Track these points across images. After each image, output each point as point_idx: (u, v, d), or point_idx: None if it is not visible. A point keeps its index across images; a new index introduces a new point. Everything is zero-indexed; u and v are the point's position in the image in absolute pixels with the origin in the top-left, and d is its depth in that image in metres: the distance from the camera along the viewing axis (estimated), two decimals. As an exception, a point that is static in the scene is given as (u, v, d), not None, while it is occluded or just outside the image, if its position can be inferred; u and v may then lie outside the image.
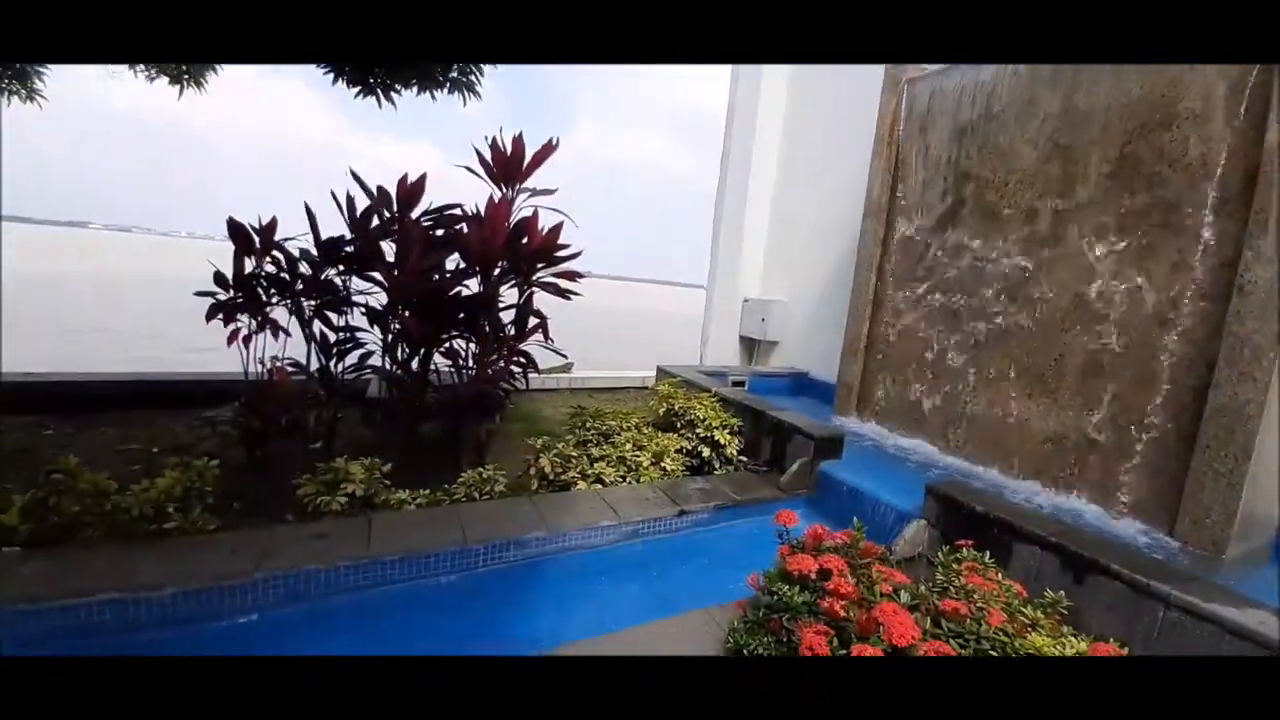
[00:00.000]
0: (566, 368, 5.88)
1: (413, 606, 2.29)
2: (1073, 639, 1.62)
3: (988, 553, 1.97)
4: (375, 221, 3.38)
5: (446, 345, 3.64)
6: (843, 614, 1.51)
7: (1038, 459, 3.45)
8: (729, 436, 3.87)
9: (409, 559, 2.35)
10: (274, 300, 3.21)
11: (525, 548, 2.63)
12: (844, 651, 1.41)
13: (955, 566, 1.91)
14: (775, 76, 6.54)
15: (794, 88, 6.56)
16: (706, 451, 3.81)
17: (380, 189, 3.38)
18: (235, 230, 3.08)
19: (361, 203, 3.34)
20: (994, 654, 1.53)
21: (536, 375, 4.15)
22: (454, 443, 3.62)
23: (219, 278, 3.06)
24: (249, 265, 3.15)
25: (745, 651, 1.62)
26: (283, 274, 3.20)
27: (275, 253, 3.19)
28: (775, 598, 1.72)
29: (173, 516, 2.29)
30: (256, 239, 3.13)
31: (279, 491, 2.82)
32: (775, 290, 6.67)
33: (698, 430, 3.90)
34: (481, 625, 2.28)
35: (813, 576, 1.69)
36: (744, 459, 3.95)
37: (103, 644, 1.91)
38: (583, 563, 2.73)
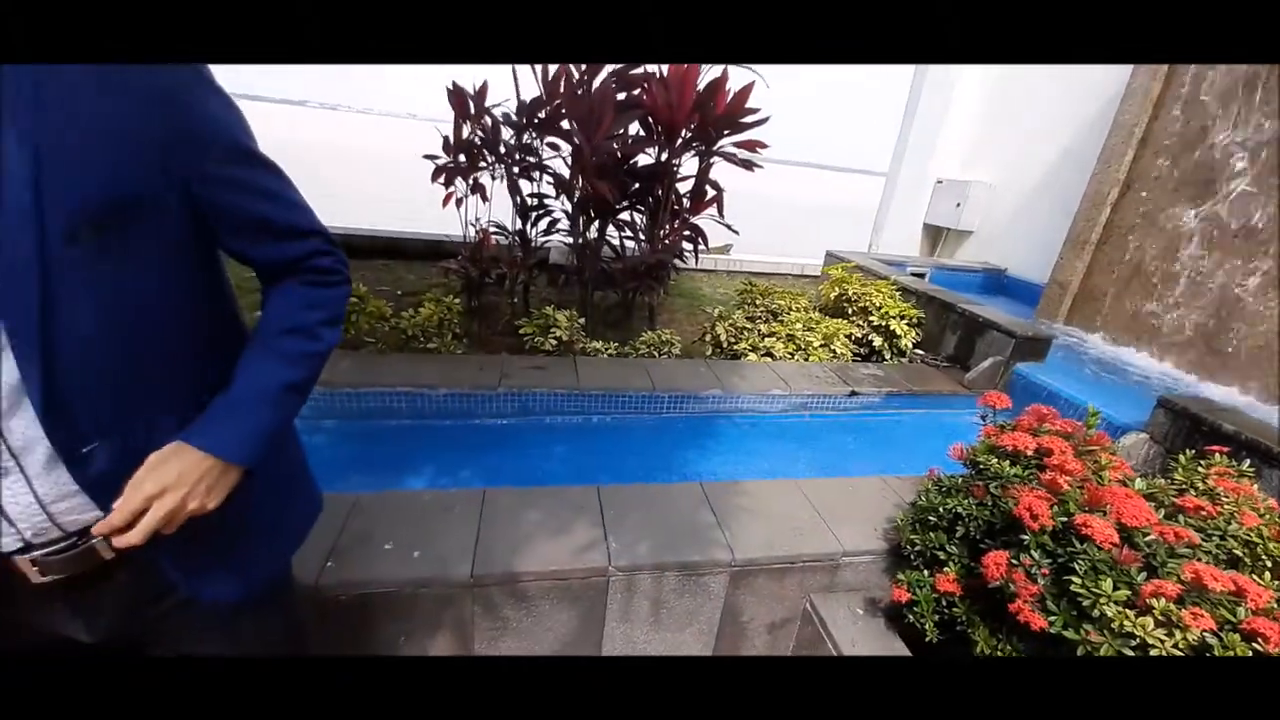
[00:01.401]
0: (725, 249, 5.83)
1: (613, 433, 2.70)
2: (1349, 561, 1.42)
3: (1246, 461, 1.73)
4: (562, 87, 3.45)
5: (628, 215, 3.80)
6: (1065, 488, 1.48)
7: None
8: (906, 327, 3.66)
9: (609, 395, 2.72)
10: (482, 165, 3.55)
11: (703, 403, 2.88)
12: (1064, 519, 1.40)
13: (1200, 470, 1.72)
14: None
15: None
16: (878, 340, 3.67)
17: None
18: (455, 94, 3.36)
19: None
20: (1238, 553, 1.41)
21: (705, 251, 4.19)
22: (627, 308, 3.91)
23: (447, 144, 3.43)
24: (465, 131, 3.47)
25: (940, 509, 1.69)
26: (488, 139, 3.48)
27: (487, 117, 3.45)
28: (980, 469, 1.72)
29: (433, 339, 2.87)
30: (471, 104, 3.41)
31: (494, 332, 3.37)
32: (978, 172, 5.71)
33: (871, 318, 3.74)
34: (667, 456, 2.63)
35: (1029, 453, 1.64)
36: (919, 352, 3.74)
37: (399, 426, 2.56)
38: (754, 424, 2.93)
